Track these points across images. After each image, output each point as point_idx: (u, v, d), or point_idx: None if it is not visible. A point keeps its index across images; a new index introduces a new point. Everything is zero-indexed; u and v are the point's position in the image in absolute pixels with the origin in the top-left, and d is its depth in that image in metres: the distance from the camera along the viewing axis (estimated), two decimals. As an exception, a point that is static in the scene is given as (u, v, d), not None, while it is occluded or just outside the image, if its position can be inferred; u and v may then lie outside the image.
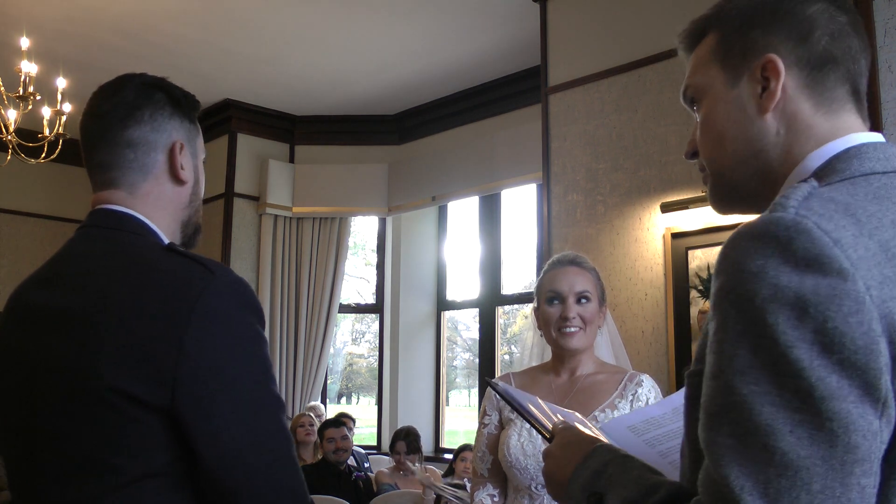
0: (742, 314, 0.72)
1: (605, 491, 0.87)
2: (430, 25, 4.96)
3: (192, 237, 1.30)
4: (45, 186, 6.89)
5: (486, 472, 2.03)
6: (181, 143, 1.23)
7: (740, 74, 0.91)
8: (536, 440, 1.91)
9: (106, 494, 1.02)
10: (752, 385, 0.70)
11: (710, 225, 3.72)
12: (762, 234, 0.74)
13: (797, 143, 0.88)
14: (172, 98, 1.25)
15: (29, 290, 1.17)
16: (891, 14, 3.03)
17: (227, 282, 1.07)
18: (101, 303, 1.06)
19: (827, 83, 0.89)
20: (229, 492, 1.02)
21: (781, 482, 0.67)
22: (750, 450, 0.69)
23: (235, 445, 1.02)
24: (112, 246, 1.15)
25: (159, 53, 5.24)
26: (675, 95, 3.90)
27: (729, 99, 0.92)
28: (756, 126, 0.90)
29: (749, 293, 0.72)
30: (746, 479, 0.68)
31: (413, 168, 6.32)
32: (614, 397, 1.94)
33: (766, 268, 0.72)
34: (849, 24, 0.90)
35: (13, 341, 1.14)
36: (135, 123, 1.21)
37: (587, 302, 1.99)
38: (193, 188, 1.27)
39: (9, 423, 1.14)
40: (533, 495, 1.91)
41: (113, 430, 1.02)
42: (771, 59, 0.88)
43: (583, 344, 1.99)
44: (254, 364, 1.06)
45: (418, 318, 6.52)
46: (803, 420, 0.68)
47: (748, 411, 0.70)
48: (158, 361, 1.01)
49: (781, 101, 0.89)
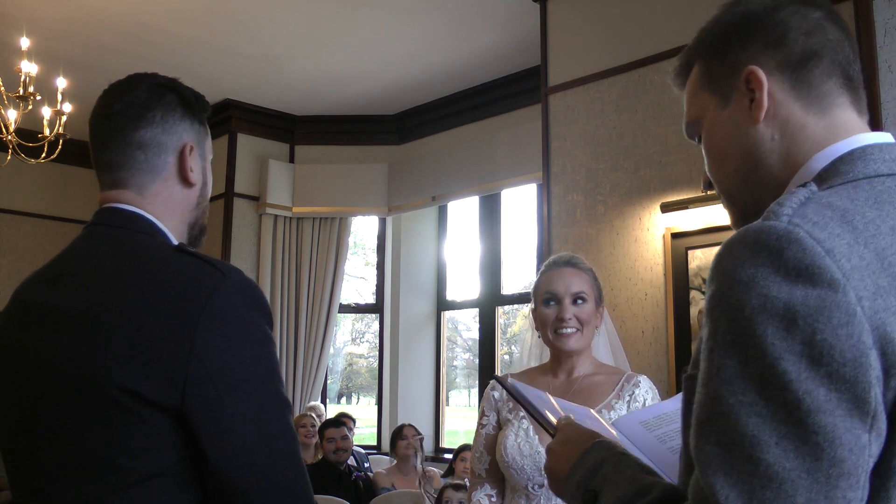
0: (731, 324, 0.72)
1: (600, 489, 0.88)
2: (430, 25, 4.96)
3: (198, 238, 1.30)
4: (45, 186, 6.89)
5: (483, 472, 2.04)
6: (191, 145, 1.23)
7: (729, 93, 0.93)
8: (533, 440, 1.91)
9: (109, 494, 1.02)
10: (740, 395, 0.70)
11: (710, 225, 3.72)
12: (754, 243, 0.74)
13: (794, 146, 0.88)
14: (183, 99, 1.25)
15: (32, 289, 1.17)
16: (891, 14, 3.03)
17: (237, 283, 1.08)
18: (109, 302, 1.06)
19: (812, 80, 0.89)
20: (237, 492, 1.02)
21: (766, 493, 0.68)
22: (736, 460, 0.69)
23: (243, 446, 1.02)
24: (120, 245, 1.14)
25: (159, 53, 5.24)
26: (675, 95, 3.88)
27: (722, 120, 0.93)
28: (750, 137, 0.91)
29: (739, 303, 0.72)
30: (731, 489, 0.69)
31: (413, 168, 6.32)
32: (611, 398, 1.94)
33: (757, 277, 0.71)
34: (823, 19, 0.90)
35: (14, 340, 1.14)
36: (146, 124, 1.20)
37: (583, 303, 1.99)
38: (202, 190, 1.27)
39: (9, 422, 1.13)
40: (530, 495, 1.91)
41: (119, 430, 1.02)
42: (751, 69, 0.90)
43: (579, 345, 1.99)
44: (262, 365, 1.07)
45: (418, 318, 6.52)
46: (789, 433, 0.68)
47: (734, 422, 0.70)
48: (168, 361, 1.01)
49: (771, 108, 0.89)
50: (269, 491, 1.03)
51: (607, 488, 0.87)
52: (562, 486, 0.98)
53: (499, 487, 2.02)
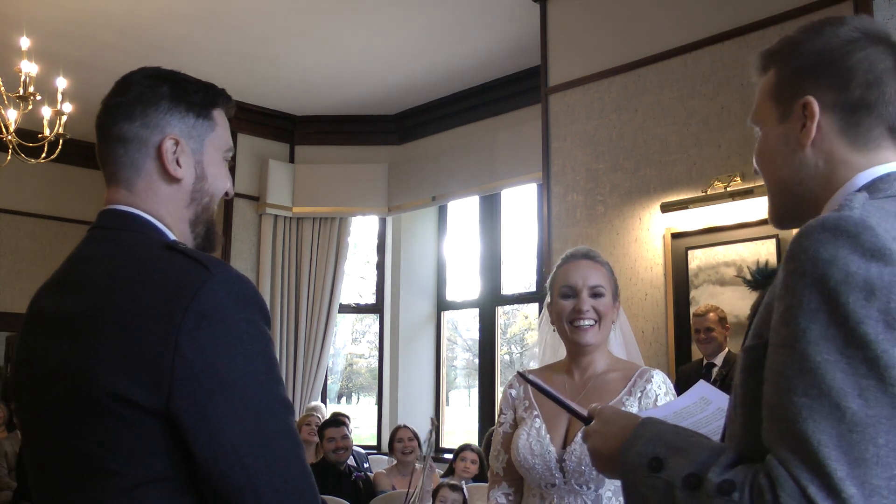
0: (816, 294, 0.84)
1: (666, 455, 0.94)
2: (430, 25, 4.96)
3: (208, 238, 1.25)
4: (45, 186, 6.89)
5: (501, 470, 2.02)
6: (175, 138, 1.18)
7: (788, 112, 1.05)
8: (545, 440, 1.90)
9: (108, 499, 1.01)
10: (825, 354, 0.82)
11: (710, 225, 3.72)
12: (834, 228, 0.86)
13: (835, 175, 1.02)
14: (177, 91, 1.21)
15: (40, 297, 1.17)
16: (891, 14, 3.03)
17: (224, 279, 1.04)
18: (101, 306, 1.05)
19: (860, 127, 1.02)
20: (229, 495, 1.00)
21: (853, 436, 0.80)
22: (825, 408, 0.81)
23: (233, 447, 0.99)
24: (116, 247, 1.14)
25: (159, 53, 5.24)
26: (675, 95, 3.90)
27: (778, 133, 1.07)
28: (798, 158, 1.04)
29: (824, 277, 0.84)
30: (822, 433, 0.81)
31: (413, 168, 6.32)
32: (623, 395, 1.92)
33: (838, 256, 0.84)
34: (889, 71, 1.02)
35: (28, 348, 1.14)
36: (126, 119, 1.18)
37: (601, 296, 1.97)
38: (195, 185, 1.21)
39: (28, 428, 1.14)
40: (543, 495, 1.89)
41: (111, 435, 1.01)
42: (808, 100, 1.02)
43: (596, 339, 1.96)
44: (255, 363, 1.02)
45: (418, 318, 6.52)
46: (870, 385, 0.81)
47: (822, 376, 0.82)
48: (155, 363, 0.99)
49: (818, 139, 1.02)
50: (265, 494, 1.00)
51: (675, 454, 0.94)
52: (613, 462, 1.03)
53: (517, 486, 2.00)
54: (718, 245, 3.72)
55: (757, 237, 3.58)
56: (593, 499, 1.84)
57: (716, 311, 3.58)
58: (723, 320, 3.57)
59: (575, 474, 1.83)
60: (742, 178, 3.58)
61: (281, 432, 1.03)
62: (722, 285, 3.69)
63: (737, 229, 3.65)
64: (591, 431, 1.11)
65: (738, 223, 3.63)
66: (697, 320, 3.60)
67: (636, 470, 0.96)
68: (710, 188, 3.68)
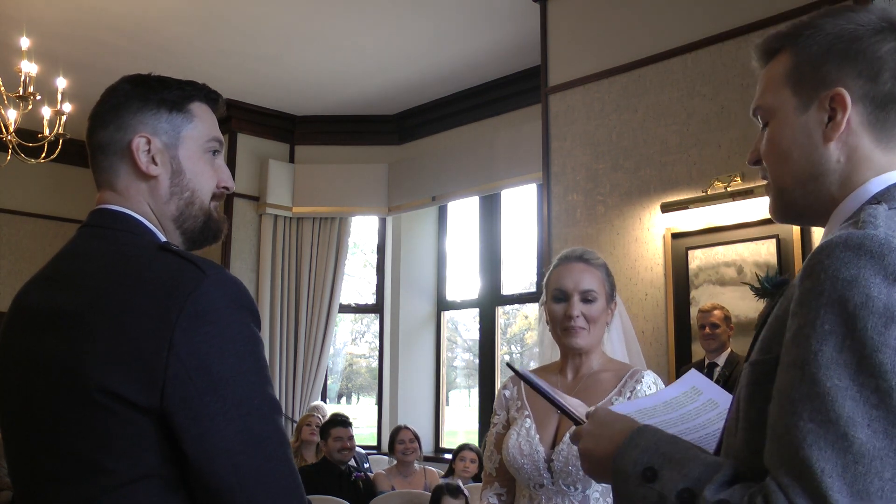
0: (832, 315, 0.80)
1: (661, 466, 0.92)
2: (430, 26, 4.96)
3: (201, 235, 1.25)
4: (45, 186, 6.89)
5: (493, 471, 2.02)
6: (146, 136, 1.19)
7: (810, 102, 0.98)
8: (534, 440, 1.90)
9: (98, 496, 1.01)
10: (836, 380, 0.79)
11: (710, 225, 3.72)
12: (858, 247, 0.82)
13: (855, 173, 0.96)
14: (148, 90, 1.21)
15: (27, 292, 1.17)
16: (891, 14, 3.03)
17: (218, 281, 1.05)
18: (92, 302, 1.05)
19: (888, 122, 0.96)
20: (219, 493, 1.01)
21: (858, 468, 0.76)
22: (831, 436, 0.78)
23: (224, 446, 1.00)
24: (107, 245, 1.14)
25: (159, 54, 5.25)
26: (675, 95, 3.90)
27: (797, 124, 0.99)
28: (819, 152, 0.97)
29: (843, 298, 0.80)
30: (826, 462, 0.77)
31: (413, 168, 6.32)
32: (612, 395, 1.93)
33: (860, 278, 0.80)
34: None
35: (12, 343, 1.14)
36: (101, 126, 1.21)
37: (592, 301, 1.97)
38: (172, 180, 1.21)
39: (12, 423, 1.14)
40: (532, 496, 1.90)
41: (102, 432, 1.01)
42: (840, 92, 0.95)
43: (587, 343, 1.97)
44: (246, 364, 1.04)
45: (418, 318, 6.52)
46: (880, 416, 0.77)
47: (830, 402, 0.78)
48: (148, 362, 1.00)
49: (845, 133, 0.96)
50: (253, 493, 1.01)
51: (670, 466, 0.91)
52: (604, 466, 1.01)
53: (509, 486, 2.01)
54: (718, 245, 3.72)
55: (757, 237, 3.58)
56: (581, 500, 1.84)
57: (721, 309, 3.59)
58: (728, 319, 3.58)
59: (562, 474, 1.84)
60: (742, 178, 3.58)
61: (272, 433, 1.04)
62: (722, 285, 3.69)
63: (737, 229, 3.65)
64: (583, 433, 1.08)
65: (739, 223, 3.63)
66: (702, 316, 3.60)
67: (629, 478, 0.94)
68: (710, 188, 3.68)
